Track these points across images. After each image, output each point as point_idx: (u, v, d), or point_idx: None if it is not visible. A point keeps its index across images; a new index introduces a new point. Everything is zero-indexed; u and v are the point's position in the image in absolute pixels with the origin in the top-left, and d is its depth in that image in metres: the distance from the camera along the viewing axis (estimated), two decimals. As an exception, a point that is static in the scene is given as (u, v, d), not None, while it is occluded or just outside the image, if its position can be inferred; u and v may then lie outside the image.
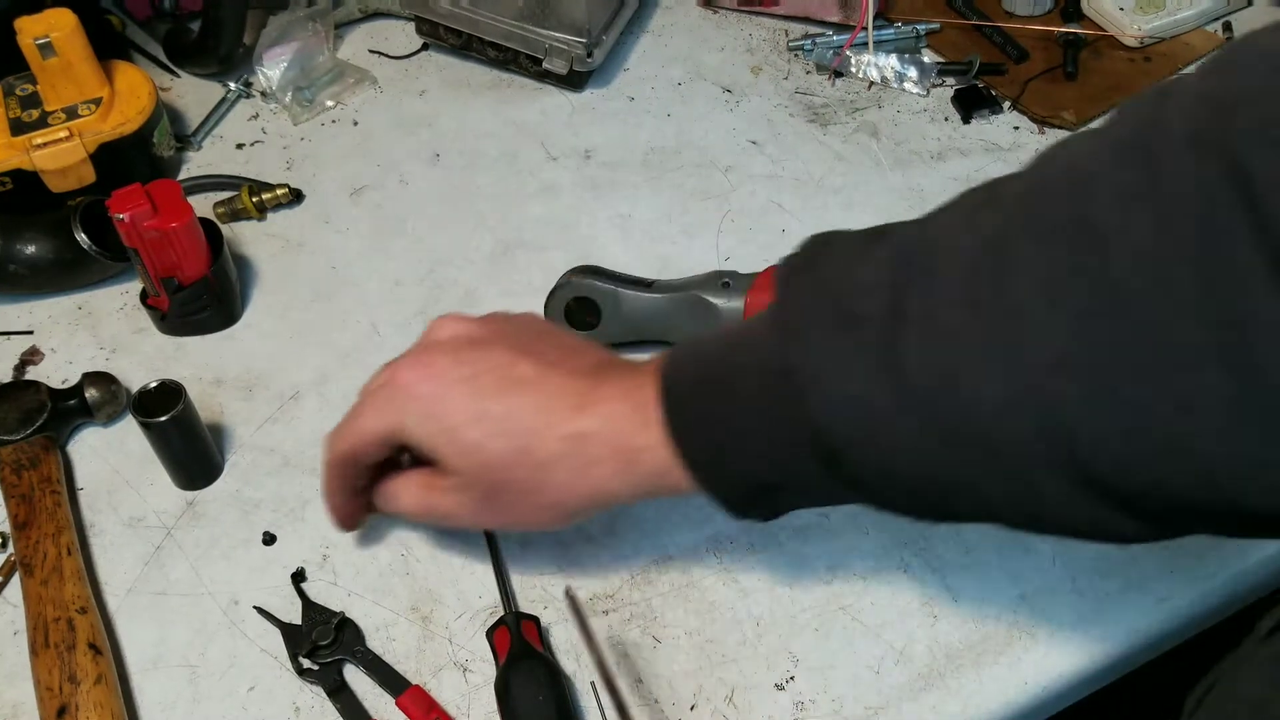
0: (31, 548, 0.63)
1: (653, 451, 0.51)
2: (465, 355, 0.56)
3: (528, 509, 0.56)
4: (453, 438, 0.55)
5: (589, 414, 0.53)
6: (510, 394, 0.54)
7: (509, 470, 0.54)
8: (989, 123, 0.91)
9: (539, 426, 0.54)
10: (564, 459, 0.53)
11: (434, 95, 0.96)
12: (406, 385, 0.56)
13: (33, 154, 0.79)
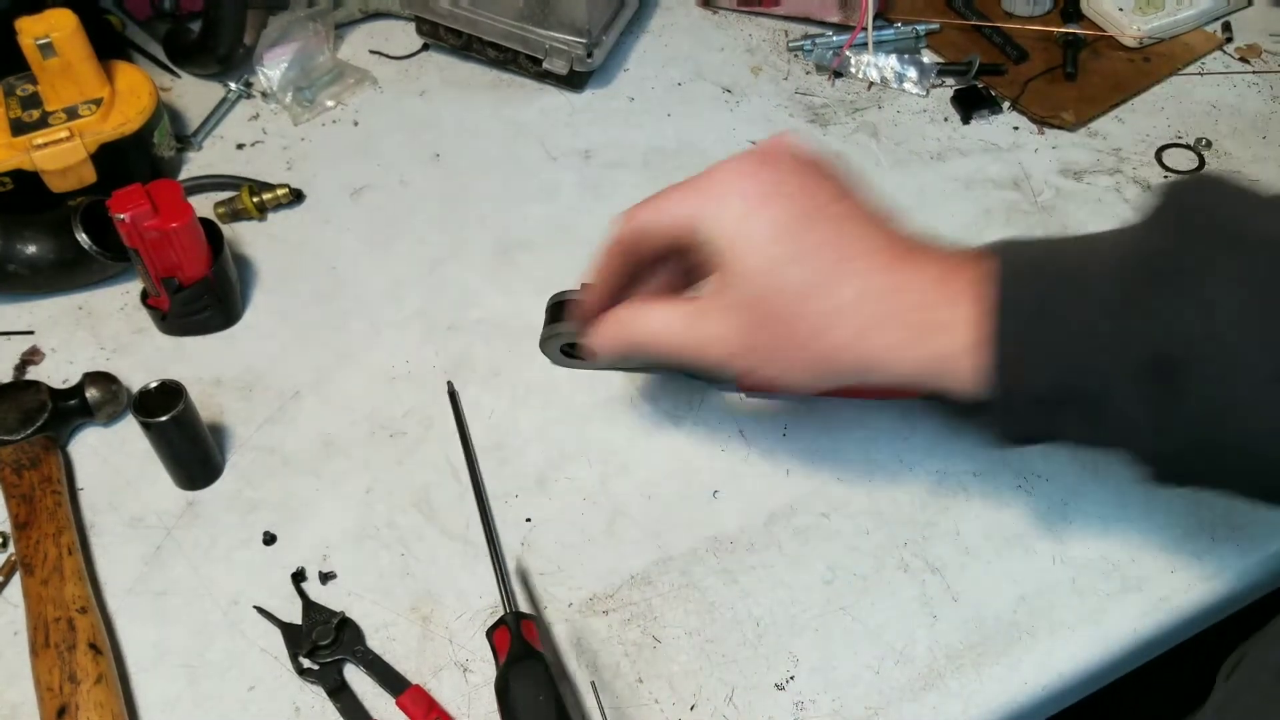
0: (32, 547, 0.63)
1: (955, 329, 0.49)
2: (791, 175, 0.54)
3: (792, 353, 0.52)
4: (754, 248, 0.51)
5: (899, 273, 0.51)
6: (827, 225, 0.52)
7: (797, 302, 0.51)
8: (989, 123, 0.91)
9: (847, 268, 0.51)
10: (857, 309, 0.51)
11: (434, 95, 0.96)
12: (724, 181, 0.53)
13: (33, 154, 0.79)
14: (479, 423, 0.72)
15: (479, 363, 0.75)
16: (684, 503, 0.67)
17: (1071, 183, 0.86)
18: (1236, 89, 0.93)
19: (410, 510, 0.68)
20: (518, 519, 0.67)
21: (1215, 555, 0.64)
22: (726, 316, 0.54)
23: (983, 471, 0.68)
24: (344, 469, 0.70)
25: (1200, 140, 0.88)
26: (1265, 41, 0.97)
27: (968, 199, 0.85)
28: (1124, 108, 0.92)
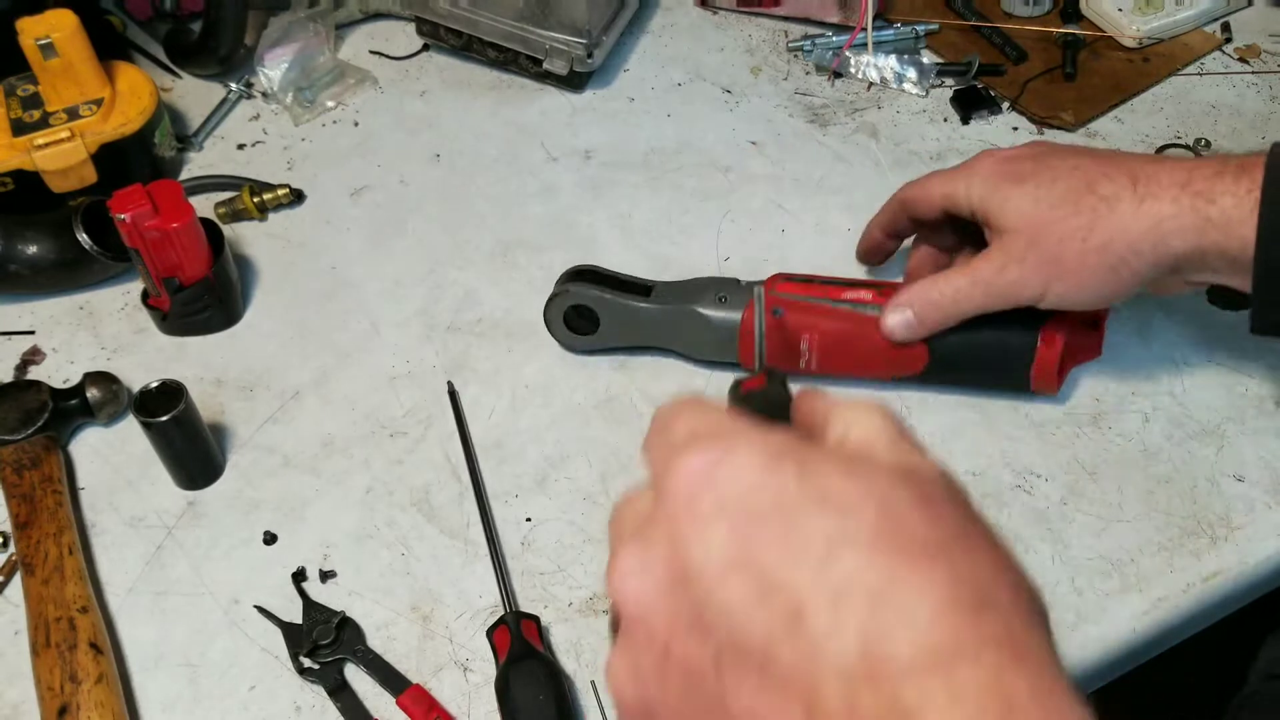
0: (33, 547, 0.63)
1: (1234, 199, 0.56)
2: (1039, 145, 0.65)
3: (1074, 252, 0.59)
4: (1015, 185, 0.61)
5: (1163, 164, 0.58)
6: (1078, 156, 0.62)
7: (1065, 207, 0.59)
8: (988, 123, 0.91)
9: (1106, 170, 0.59)
10: (1127, 193, 0.58)
11: (434, 96, 0.96)
12: (979, 161, 0.65)
13: (34, 154, 0.79)
14: (479, 423, 0.72)
15: (479, 363, 0.75)
16: (684, 502, 0.67)
17: (1071, 183, 0.86)
18: (1236, 89, 0.93)
19: (410, 510, 0.68)
20: (518, 519, 0.67)
21: (1215, 555, 0.64)
22: (1005, 255, 0.62)
23: (982, 471, 0.68)
24: (344, 469, 0.70)
25: (1199, 140, 0.88)
26: (1264, 42, 0.97)
27: (967, 199, 0.85)
28: (1123, 108, 0.92)
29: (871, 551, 0.30)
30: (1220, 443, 0.69)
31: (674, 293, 0.72)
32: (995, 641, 0.28)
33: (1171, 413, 0.70)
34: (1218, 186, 0.56)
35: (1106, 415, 0.70)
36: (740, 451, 0.33)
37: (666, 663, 0.32)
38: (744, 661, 0.30)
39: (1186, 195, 0.57)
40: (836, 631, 0.29)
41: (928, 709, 0.27)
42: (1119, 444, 0.69)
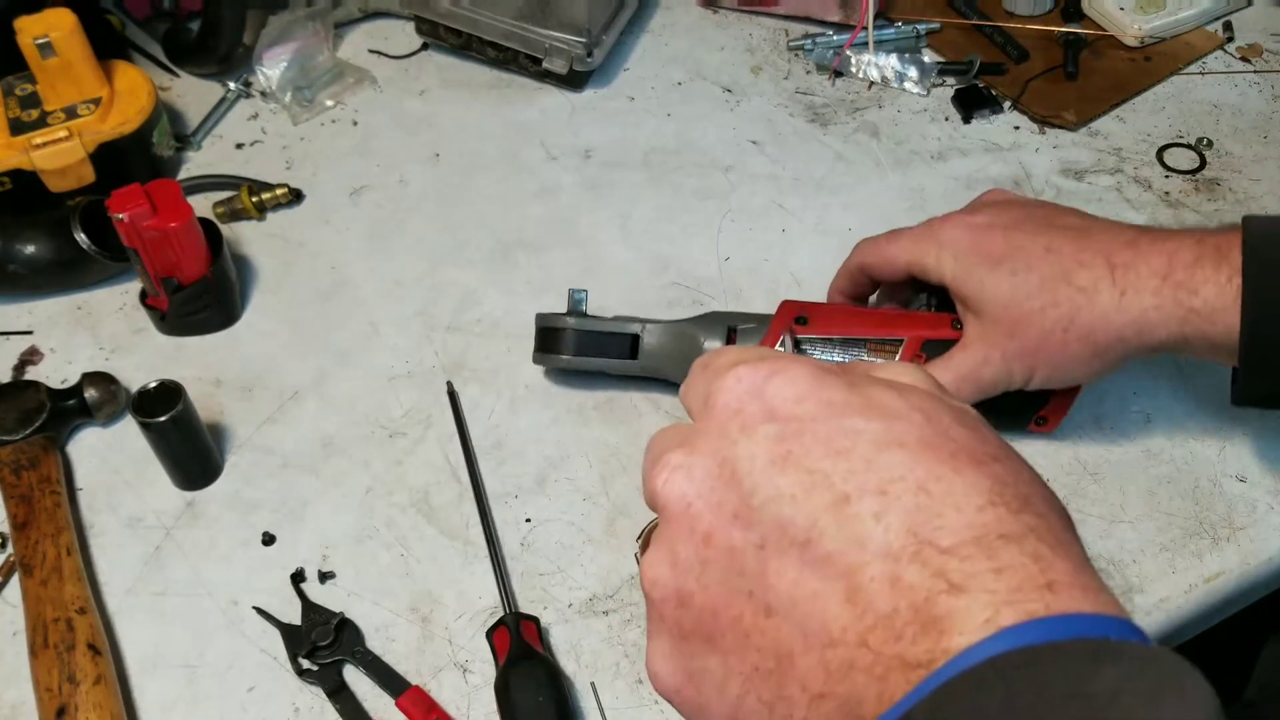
0: (31, 548, 0.63)
1: (1216, 288, 0.54)
2: (1009, 208, 0.62)
3: (1056, 343, 0.58)
4: (989, 269, 0.59)
5: (1140, 248, 0.56)
6: (1053, 233, 0.58)
7: (1042, 297, 0.57)
8: (989, 123, 0.91)
9: (1082, 257, 0.57)
10: (1105, 284, 0.56)
11: (434, 95, 0.96)
12: (945, 228, 0.62)
13: (32, 154, 0.79)
14: (479, 423, 0.72)
15: (479, 363, 0.75)
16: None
17: (1072, 182, 0.86)
18: (1237, 88, 0.93)
19: (410, 510, 0.68)
20: (518, 519, 0.67)
21: (1216, 555, 0.64)
22: (983, 343, 0.60)
23: (983, 472, 0.68)
24: (343, 469, 0.70)
25: (1201, 140, 0.88)
26: (1266, 41, 0.97)
27: (968, 199, 0.84)
28: (1125, 107, 0.92)
29: (918, 451, 0.31)
30: (1222, 443, 0.68)
31: (656, 349, 0.69)
32: (1036, 532, 0.30)
33: (1173, 413, 0.70)
34: (1198, 276, 0.55)
35: (1108, 416, 0.70)
36: (790, 369, 0.34)
37: (708, 549, 0.33)
38: (788, 545, 0.31)
39: (1168, 287, 0.55)
40: (883, 514, 0.30)
41: (972, 582, 0.28)
42: (1121, 445, 0.69)
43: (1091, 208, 0.83)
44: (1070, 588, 0.28)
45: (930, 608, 0.28)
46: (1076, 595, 0.28)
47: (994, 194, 0.66)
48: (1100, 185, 0.85)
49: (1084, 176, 0.86)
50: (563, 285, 0.80)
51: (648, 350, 0.69)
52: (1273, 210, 0.83)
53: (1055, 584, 0.28)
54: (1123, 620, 0.28)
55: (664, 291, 0.79)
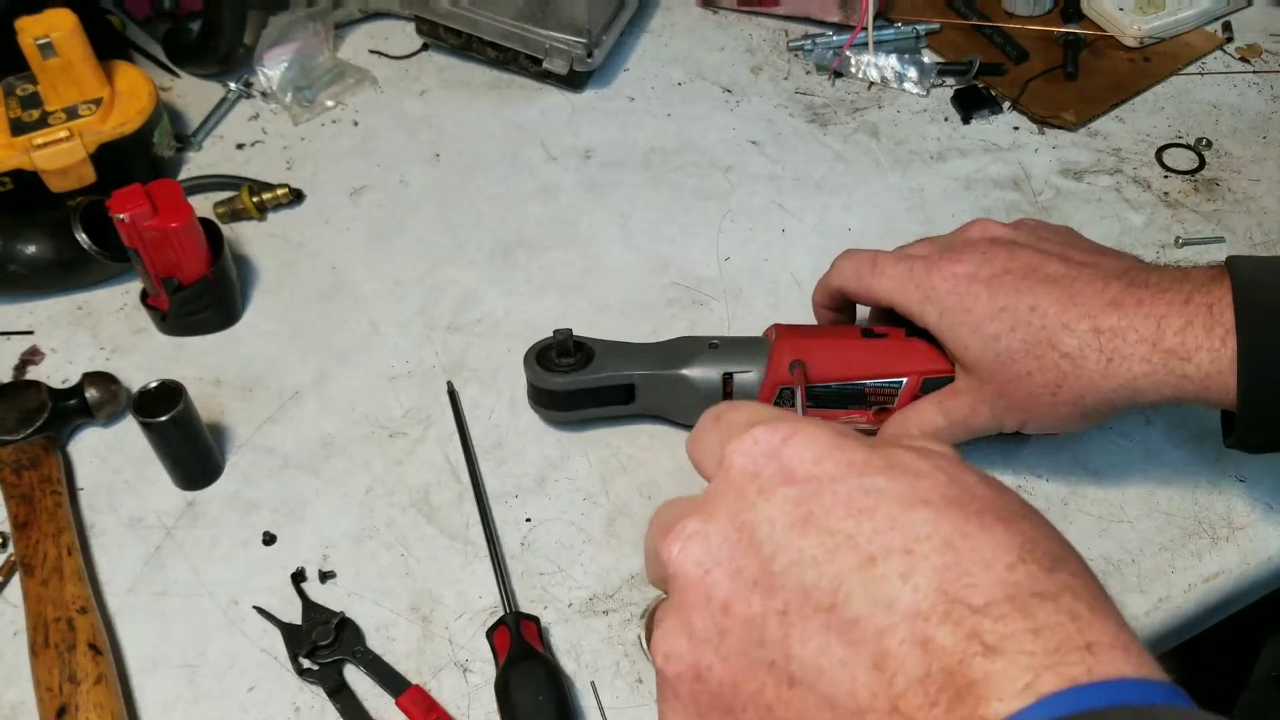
0: (32, 548, 0.63)
1: (1210, 354, 0.51)
2: (993, 253, 0.58)
3: (1045, 405, 0.56)
4: (973, 329, 0.57)
5: (1127, 310, 0.53)
6: (1038, 289, 0.56)
7: (1028, 361, 0.55)
8: (989, 123, 0.91)
9: (1067, 319, 0.54)
10: (1092, 351, 0.54)
11: (434, 95, 0.96)
12: (932, 274, 0.59)
13: (33, 154, 0.79)
14: (479, 423, 0.72)
15: (479, 363, 0.75)
16: (684, 503, 0.67)
17: (1072, 182, 0.86)
18: (1237, 89, 0.93)
19: (410, 510, 0.68)
20: (518, 519, 0.67)
21: (1216, 555, 0.64)
22: (973, 394, 0.59)
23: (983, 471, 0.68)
24: (344, 469, 0.70)
25: (1200, 140, 0.88)
26: (1265, 41, 0.97)
27: (968, 199, 0.85)
28: (1124, 107, 0.92)
29: (943, 508, 0.30)
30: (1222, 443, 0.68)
31: (657, 398, 0.69)
32: (1071, 590, 0.29)
33: (1173, 413, 0.70)
34: (1189, 341, 0.52)
35: (1107, 415, 0.70)
36: (807, 430, 0.33)
37: (726, 618, 0.32)
38: (811, 611, 0.30)
39: (1158, 354, 0.53)
40: (910, 573, 0.29)
41: (1008, 644, 0.27)
42: (1120, 444, 0.69)
43: (1091, 208, 0.83)
44: (1112, 649, 0.27)
45: (965, 671, 0.27)
46: (1118, 658, 0.27)
47: (978, 228, 0.62)
48: (1099, 185, 0.85)
49: (1083, 177, 0.86)
50: (563, 285, 0.80)
51: (644, 396, 0.69)
52: (1272, 210, 0.83)
53: (1095, 645, 0.27)
54: (1167, 685, 0.27)
55: (664, 291, 0.79)
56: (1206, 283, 0.53)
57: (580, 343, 0.68)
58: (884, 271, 0.61)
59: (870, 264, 0.62)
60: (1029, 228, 0.61)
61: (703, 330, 0.76)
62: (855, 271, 0.63)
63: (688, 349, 0.67)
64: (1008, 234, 0.60)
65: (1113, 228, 0.82)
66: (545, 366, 0.68)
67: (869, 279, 0.62)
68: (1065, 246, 0.59)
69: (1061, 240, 0.60)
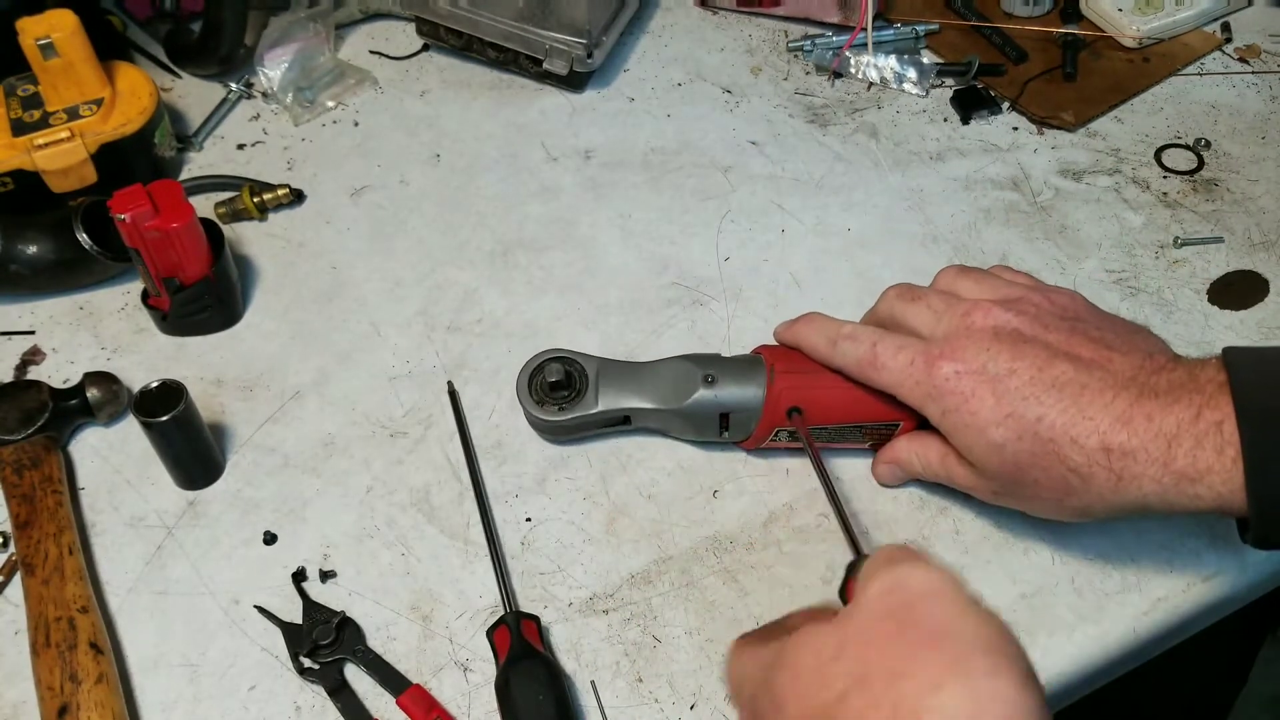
0: (33, 547, 0.63)
1: (1221, 475, 0.50)
2: (997, 350, 0.56)
3: (1049, 506, 0.57)
4: (979, 435, 0.55)
5: (1137, 427, 0.52)
6: (1045, 397, 0.54)
7: (1036, 471, 0.55)
8: (988, 123, 0.91)
9: (1076, 434, 0.53)
10: (1101, 470, 0.52)
11: (434, 96, 0.96)
12: (933, 372, 0.57)
13: (34, 154, 0.79)
14: (479, 423, 0.72)
15: (479, 363, 0.75)
16: (684, 503, 0.68)
17: (1071, 183, 0.86)
18: (1236, 89, 0.93)
19: (410, 510, 0.68)
20: (518, 519, 0.67)
21: (1214, 555, 0.64)
22: (977, 479, 0.59)
23: (982, 471, 0.68)
24: (344, 468, 0.70)
25: (1199, 140, 0.89)
26: (1264, 42, 0.97)
27: (967, 199, 0.85)
28: (1123, 108, 0.92)
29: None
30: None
31: (656, 421, 0.69)
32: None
33: (1171, 413, 0.70)
34: (1200, 462, 0.50)
35: (1106, 415, 0.70)
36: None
37: None
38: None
39: (1169, 475, 0.51)
40: None
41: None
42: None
43: (1090, 208, 0.84)
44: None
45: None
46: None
47: (980, 313, 0.58)
48: (1099, 186, 0.86)
49: (1082, 177, 0.86)
50: (563, 285, 0.80)
51: (641, 421, 0.69)
52: (1270, 210, 0.83)
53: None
54: None
55: (664, 291, 0.79)
56: (1215, 394, 0.51)
57: (571, 371, 0.68)
58: (885, 365, 0.60)
59: (870, 353, 0.60)
60: (1034, 310, 0.58)
61: (702, 331, 0.76)
62: (857, 360, 0.61)
63: (684, 380, 0.66)
64: (1013, 323, 0.57)
65: (1112, 228, 0.82)
66: (540, 400, 0.68)
67: (870, 371, 0.60)
68: (1071, 334, 0.57)
69: (1068, 318, 0.58)
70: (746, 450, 0.69)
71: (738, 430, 0.66)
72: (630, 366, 0.69)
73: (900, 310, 0.62)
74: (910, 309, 0.62)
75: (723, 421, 0.66)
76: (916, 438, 0.64)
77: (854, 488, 0.68)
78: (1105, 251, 0.81)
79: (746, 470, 0.69)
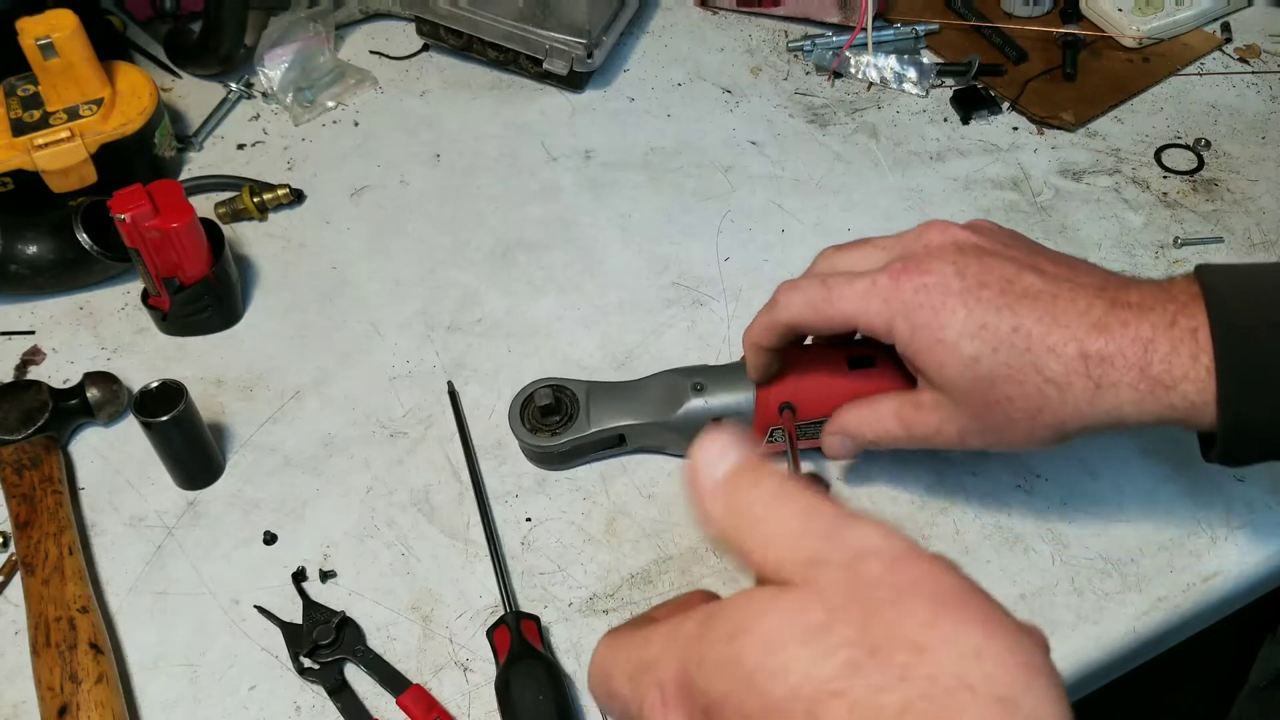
0: (33, 547, 0.63)
1: (1195, 384, 0.49)
2: (964, 263, 0.53)
3: (1021, 429, 0.53)
4: (950, 350, 0.53)
5: (1114, 333, 0.51)
6: (1018, 306, 0.52)
7: (1010, 385, 0.52)
8: (988, 123, 0.91)
9: (1053, 342, 0.51)
10: (1079, 377, 0.51)
11: (434, 96, 0.96)
12: (900, 286, 0.53)
13: (34, 154, 0.79)
14: (479, 423, 0.72)
15: (479, 363, 0.75)
16: (684, 503, 0.67)
17: (1071, 183, 0.86)
18: (1236, 89, 0.93)
19: (410, 510, 0.68)
20: (518, 519, 0.67)
21: (1214, 555, 0.64)
22: (943, 411, 0.55)
23: (982, 471, 0.68)
24: (344, 468, 0.70)
25: (1199, 140, 0.89)
26: (1264, 42, 0.97)
27: (967, 199, 0.85)
28: (1123, 108, 0.92)
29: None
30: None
31: (650, 439, 0.68)
32: None
33: (1171, 413, 0.70)
34: (1176, 369, 0.50)
35: (1106, 415, 0.70)
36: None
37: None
38: None
39: (1146, 381, 0.50)
40: None
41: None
42: (1119, 444, 0.69)
43: (1090, 208, 0.84)
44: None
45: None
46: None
47: (937, 231, 0.56)
48: (1099, 186, 0.86)
49: (1082, 177, 0.86)
50: (563, 285, 0.80)
51: (635, 440, 0.68)
52: (1270, 210, 0.83)
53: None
54: None
55: (664, 292, 0.79)
56: (1189, 303, 0.51)
57: (561, 396, 0.68)
58: (841, 294, 0.55)
59: (822, 289, 0.56)
60: (988, 231, 0.57)
61: (702, 331, 0.76)
62: (806, 301, 0.56)
63: (673, 391, 0.66)
64: (973, 239, 0.55)
65: (1111, 228, 0.82)
66: (533, 428, 0.67)
67: (825, 306, 0.56)
68: (1031, 254, 0.55)
69: (1022, 246, 0.56)
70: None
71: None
72: (619, 386, 0.69)
73: (842, 260, 0.59)
74: (853, 254, 0.58)
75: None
76: (864, 402, 0.60)
77: (854, 488, 0.68)
78: (1105, 251, 0.81)
79: (746, 470, 0.69)
